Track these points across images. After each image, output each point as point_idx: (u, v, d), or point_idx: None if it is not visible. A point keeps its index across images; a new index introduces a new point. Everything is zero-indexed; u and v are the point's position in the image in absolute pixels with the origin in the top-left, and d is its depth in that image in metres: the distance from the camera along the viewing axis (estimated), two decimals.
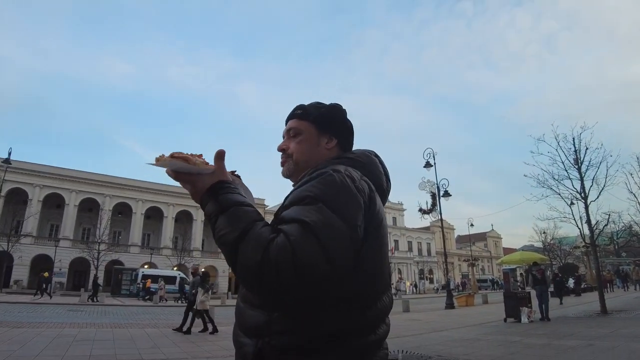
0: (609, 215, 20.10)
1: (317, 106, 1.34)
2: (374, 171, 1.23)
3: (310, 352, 0.95)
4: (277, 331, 0.96)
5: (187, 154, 1.04)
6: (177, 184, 1.09)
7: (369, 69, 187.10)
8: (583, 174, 15.46)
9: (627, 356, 6.84)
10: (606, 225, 20.25)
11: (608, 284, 30.71)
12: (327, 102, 1.36)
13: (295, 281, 0.86)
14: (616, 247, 38.99)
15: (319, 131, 1.29)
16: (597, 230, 17.05)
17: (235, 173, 1.27)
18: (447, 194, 22.83)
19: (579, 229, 17.26)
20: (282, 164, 1.31)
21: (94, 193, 45.28)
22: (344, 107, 1.37)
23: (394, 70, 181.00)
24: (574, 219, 16.85)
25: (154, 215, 49.66)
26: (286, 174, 1.30)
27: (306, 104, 1.36)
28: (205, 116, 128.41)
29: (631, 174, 19.64)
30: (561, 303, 19.33)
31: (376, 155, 1.32)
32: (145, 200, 48.25)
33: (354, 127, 1.36)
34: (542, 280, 13.93)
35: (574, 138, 15.53)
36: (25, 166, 41.06)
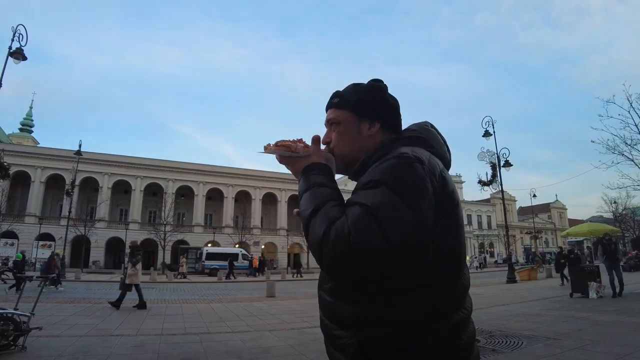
0: None
1: (354, 90, 1.26)
2: (437, 145, 1.20)
3: (410, 338, 0.97)
4: (376, 323, 0.98)
5: (289, 140, 1.17)
6: (235, 165, 1.28)
7: (418, 37, 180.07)
8: None
9: None
10: None
11: None
12: (368, 79, 1.28)
13: (351, 259, 0.89)
14: None
15: (359, 118, 1.22)
16: None
17: None
18: (507, 164, 21.86)
19: None
20: None
21: (157, 178, 48.05)
22: (383, 83, 1.27)
23: (444, 38, 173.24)
24: None
25: (214, 197, 51.86)
26: (336, 172, 1.25)
27: (342, 89, 1.28)
28: (254, 97, 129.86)
29: None
30: (562, 284, 16.93)
31: (433, 126, 1.29)
32: (206, 182, 50.46)
33: (398, 101, 1.27)
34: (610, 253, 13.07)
35: None
36: (94, 156, 44.09)
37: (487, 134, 21.67)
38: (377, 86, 1.26)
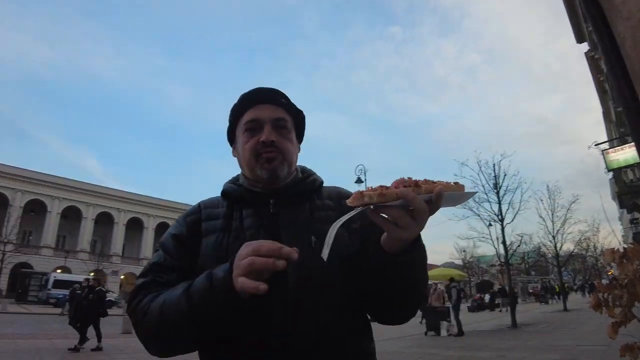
0: (522, 237, 21.91)
1: (295, 106, 1.18)
2: None
3: None
4: None
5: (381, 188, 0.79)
6: (100, 183, 0.94)
7: (301, 83, 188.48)
8: (501, 198, 16.73)
9: None
10: (519, 245, 22.07)
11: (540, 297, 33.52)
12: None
13: None
14: (526, 266, 42.34)
15: (295, 132, 1.17)
16: (511, 250, 18.42)
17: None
18: None
19: (495, 248, 18.47)
20: (270, 159, 1.07)
21: (1, 187, 41.12)
22: None
23: (325, 87, 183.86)
24: (491, 239, 18.04)
25: (70, 216, 45.97)
26: (280, 177, 1.09)
27: (279, 90, 1.16)
28: (129, 113, 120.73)
29: (541, 200, 21.78)
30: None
31: None
32: (63, 198, 44.63)
33: None
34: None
35: (494, 164, 16.79)
36: None
37: (359, 180, 23.06)
38: None
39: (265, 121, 1.08)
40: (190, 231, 1.08)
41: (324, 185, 1.20)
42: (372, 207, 0.79)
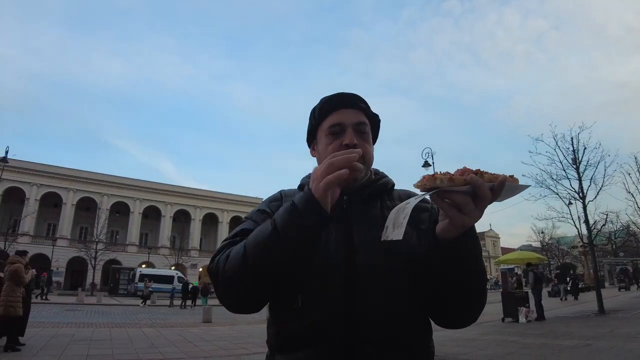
0: (607, 215, 20.14)
1: (371, 110, 1.20)
2: None
3: None
4: None
5: (443, 174, 0.81)
6: (176, 183, 1.02)
7: (359, 69, 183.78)
8: (581, 174, 15.45)
9: (625, 356, 6.86)
10: (604, 225, 20.24)
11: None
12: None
13: None
14: (614, 246, 39.12)
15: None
16: (595, 230, 17.03)
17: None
18: None
19: (577, 228, 17.23)
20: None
21: (91, 192, 45.32)
22: None
23: (383, 71, 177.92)
24: (572, 219, 16.84)
25: (151, 214, 49.63)
26: (358, 181, 1.11)
27: (357, 94, 1.18)
28: (198, 115, 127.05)
29: (629, 174, 19.65)
30: None
31: None
32: (143, 199, 48.26)
33: None
34: (540, 280, 13.93)
35: (572, 138, 15.50)
36: (23, 165, 40.92)
37: (426, 164, 22.40)
38: None
39: (348, 125, 1.12)
40: (274, 213, 1.13)
41: (395, 187, 1.23)
42: (438, 191, 0.80)
